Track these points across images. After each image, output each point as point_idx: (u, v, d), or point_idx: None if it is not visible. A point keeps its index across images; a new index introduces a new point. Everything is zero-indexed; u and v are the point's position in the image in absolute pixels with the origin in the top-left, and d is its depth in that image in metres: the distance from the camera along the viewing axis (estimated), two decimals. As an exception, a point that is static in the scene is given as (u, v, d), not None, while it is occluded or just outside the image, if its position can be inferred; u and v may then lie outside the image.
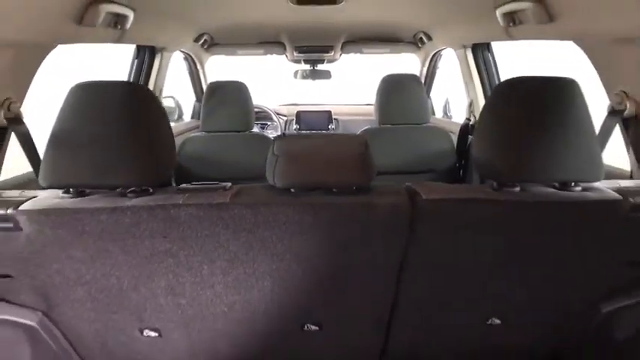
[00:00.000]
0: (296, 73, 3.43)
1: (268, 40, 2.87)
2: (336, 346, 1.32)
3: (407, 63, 3.55)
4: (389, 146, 2.15)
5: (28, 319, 1.17)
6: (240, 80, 2.22)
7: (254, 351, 1.31)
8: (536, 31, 1.45)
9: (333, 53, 3.06)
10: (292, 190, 1.06)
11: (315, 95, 4.82)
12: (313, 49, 2.99)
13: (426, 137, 2.21)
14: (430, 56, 3.00)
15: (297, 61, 3.31)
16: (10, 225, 0.98)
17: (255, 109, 2.43)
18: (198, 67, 3.04)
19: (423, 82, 3.15)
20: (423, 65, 3.15)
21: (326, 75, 3.40)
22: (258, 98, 2.98)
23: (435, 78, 3.23)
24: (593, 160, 1.04)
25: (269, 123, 3.52)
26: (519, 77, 1.10)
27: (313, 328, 1.27)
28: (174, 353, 1.31)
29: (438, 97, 3.38)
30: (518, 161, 1.04)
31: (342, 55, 3.18)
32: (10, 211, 0.97)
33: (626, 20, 1.11)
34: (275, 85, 5.28)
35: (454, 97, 3.07)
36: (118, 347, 1.29)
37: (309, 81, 3.46)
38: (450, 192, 1.07)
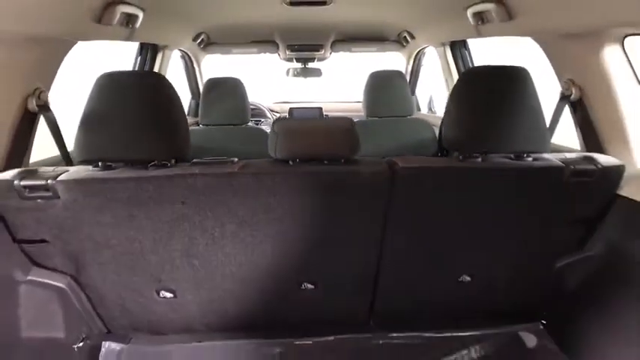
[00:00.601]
0: (288, 71, 3.61)
1: (262, 40, 3.04)
2: (329, 303, 1.51)
3: (393, 61, 3.75)
4: (376, 136, 2.33)
5: (59, 282, 1.34)
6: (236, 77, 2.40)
7: (258, 309, 1.49)
8: (500, 29, 1.65)
9: (323, 52, 3.24)
10: (290, 162, 1.25)
11: (306, 93, 5.01)
12: (304, 48, 3.16)
13: (410, 128, 2.40)
14: (414, 54, 3.21)
15: (290, 60, 3.49)
16: (50, 194, 1.15)
17: (250, 107, 2.60)
18: (195, 65, 3.21)
19: (408, 78, 3.36)
20: (407, 63, 3.35)
21: (317, 73, 3.58)
22: (253, 96, 3.15)
23: (419, 75, 3.43)
24: (541, 135, 1.25)
25: (263, 120, 3.70)
26: (481, 66, 1.31)
27: (309, 286, 1.45)
28: (186, 313, 1.48)
29: (424, 94, 3.58)
30: (479, 136, 1.25)
31: (332, 53, 3.37)
32: (50, 181, 1.14)
33: (572, 19, 1.31)
34: (269, 84, 5.45)
35: (438, 94, 3.27)
36: (136, 308, 1.46)
37: (301, 79, 3.65)
38: (423, 162, 1.27)
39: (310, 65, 3.54)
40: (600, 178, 1.26)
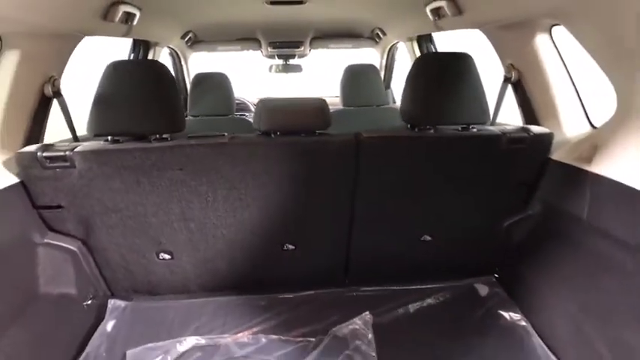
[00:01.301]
0: (270, 67, 3.82)
1: (245, 37, 3.25)
2: (309, 262, 1.73)
3: (370, 58, 3.99)
4: (351, 123, 2.55)
5: (71, 245, 1.53)
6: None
7: (245, 268, 1.70)
8: (453, 23, 1.90)
9: (302, 48, 3.46)
10: (272, 134, 1.48)
11: (288, 88, 5.23)
12: (285, 45, 3.38)
13: (382, 116, 2.64)
14: (387, 49, 3.46)
15: (272, 57, 3.70)
16: (67, 164, 1.35)
17: (236, 102, 2.81)
18: (182, 62, 3.40)
19: (383, 73, 3.62)
20: (382, 57, 3.60)
21: (297, 69, 3.80)
22: (238, 92, 3.36)
23: (393, 69, 3.68)
24: (483, 109, 1.50)
25: (247, 114, 3.91)
26: (431, 53, 1.56)
27: (290, 247, 1.68)
28: (183, 273, 1.69)
29: (400, 87, 3.82)
30: (431, 111, 1.49)
31: (311, 50, 3.60)
32: (67, 153, 1.34)
33: (508, 12, 1.56)
34: (252, 81, 5.64)
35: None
36: (138, 269, 1.66)
37: (283, 75, 3.87)
38: (383, 133, 1.50)
39: (291, 62, 3.76)
40: (533, 144, 1.51)
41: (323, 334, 1.45)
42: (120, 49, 2.71)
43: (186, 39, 3.00)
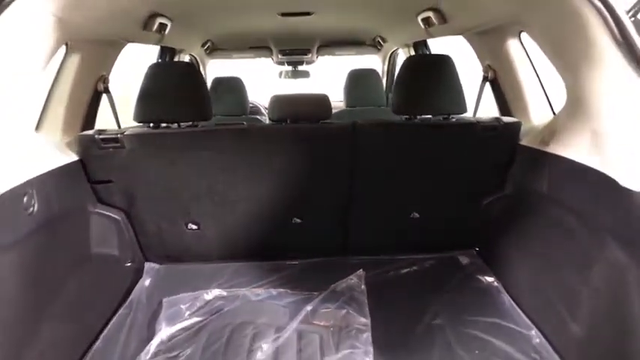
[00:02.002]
0: (280, 73, 4.16)
1: (258, 45, 3.59)
2: (314, 234, 2.01)
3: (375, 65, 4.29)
4: None
5: (116, 215, 1.84)
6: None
7: (259, 238, 1.99)
8: (440, 30, 2.20)
9: (310, 55, 3.79)
10: (284, 123, 1.78)
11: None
12: (294, 52, 3.71)
13: (381, 116, 2.94)
14: (388, 55, 3.77)
15: (281, 63, 4.04)
16: (119, 145, 1.67)
17: (250, 105, 3.14)
18: (201, 68, 3.75)
19: (385, 78, 3.92)
20: (383, 63, 3.91)
21: (305, 74, 4.13)
22: (251, 96, 3.68)
23: (395, 74, 3.98)
24: (460, 101, 1.78)
25: (259, 117, 4.24)
26: (417, 55, 1.85)
27: (297, 220, 1.97)
28: (207, 241, 1.98)
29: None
30: (416, 102, 1.79)
31: (318, 57, 3.92)
32: (119, 135, 1.66)
33: (483, 20, 1.86)
34: (264, 87, 6.00)
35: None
36: (170, 238, 1.96)
37: (292, 80, 4.19)
38: (377, 121, 1.80)
39: (300, 68, 4.09)
40: (503, 132, 1.79)
41: (324, 289, 1.73)
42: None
43: (205, 47, 3.34)
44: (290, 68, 4.08)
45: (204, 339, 1.41)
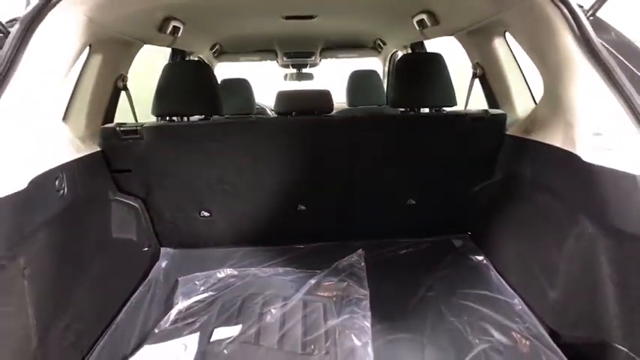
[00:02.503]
0: (285, 76, 4.33)
1: (264, 49, 3.76)
2: (318, 220, 2.16)
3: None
4: None
5: (134, 203, 2.00)
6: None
7: (267, 224, 2.15)
8: (433, 31, 2.36)
9: (314, 58, 3.96)
10: (289, 116, 1.94)
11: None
12: (298, 55, 3.88)
13: (382, 112, 3.10)
14: (388, 57, 3.93)
15: (286, 66, 4.21)
16: (138, 136, 1.83)
17: (256, 107, 3.31)
18: None
19: (386, 79, 4.09)
20: (384, 65, 4.08)
21: (309, 77, 4.30)
22: (258, 99, 3.84)
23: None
24: (450, 95, 1.94)
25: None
26: (411, 53, 2.02)
27: (302, 207, 2.12)
28: (219, 228, 2.14)
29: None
30: (412, 97, 1.95)
31: (321, 59, 4.09)
32: (139, 128, 1.82)
33: (470, 21, 2.02)
34: (269, 91, 6.19)
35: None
36: (183, 225, 2.12)
37: (296, 83, 4.36)
38: (373, 113, 1.96)
39: (304, 71, 4.26)
40: (490, 122, 1.94)
41: (327, 268, 1.88)
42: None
43: (213, 50, 3.52)
44: (294, 71, 4.25)
45: (217, 308, 1.56)
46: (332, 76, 4.68)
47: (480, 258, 1.99)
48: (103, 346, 1.48)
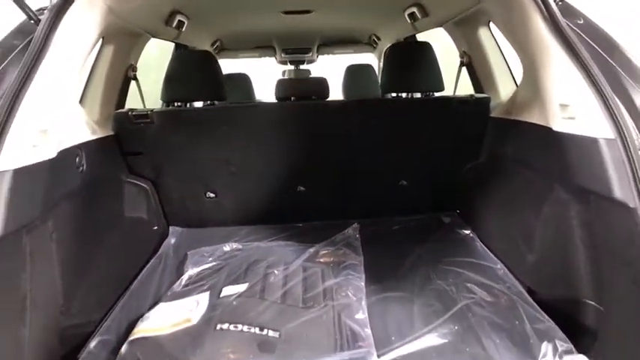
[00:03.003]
0: (284, 72, 4.48)
1: (263, 45, 3.92)
2: (316, 200, 2.31)
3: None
4: None
5: (144, 184, 2.14)
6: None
7: (268, 204, 2.29)
8: (424, 24, 2.52)
9: (311, 54, 4.11)
10: (288, 101, 2.09)
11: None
12: (296, 51, 4.04)
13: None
14: (383, 53, 4.08)
15: (284, 63, 4.36)
16: (149, 120, 1.98)
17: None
18: None
19: (380, 74, 4.24)
20: (379, 60, 4.23)
21: (307, 73, 4.43)
22: (258, 95, 3.99)
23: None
24: (438, 81, 2.10)
25: None
26: (401, 42, 2.17)
27: (302, 188, 2.27)
28: (224, 208, 2.28)
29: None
30: (402, 83, 2.10)
31: (319, 56, 4.24)
32: (149, 112, 1.97)
33: (455, 11, 2.18)
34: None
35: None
36: (191, 206, 2.27)
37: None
38: (367, 98, 2.11)
39: (301, 67, 4.41)
40: (475, 106, 2.10)
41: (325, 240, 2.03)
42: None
43: (214, 46, 3.67)
44: (292, 67, 4.40)
45: (225, 273, 1.71)
46: (329, 75, 4.86)
47: (467, 232, 2.13)
48: (121, 306, 1.62)
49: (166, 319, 1.41)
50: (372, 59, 4.30)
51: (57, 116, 1.39)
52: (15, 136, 1.14)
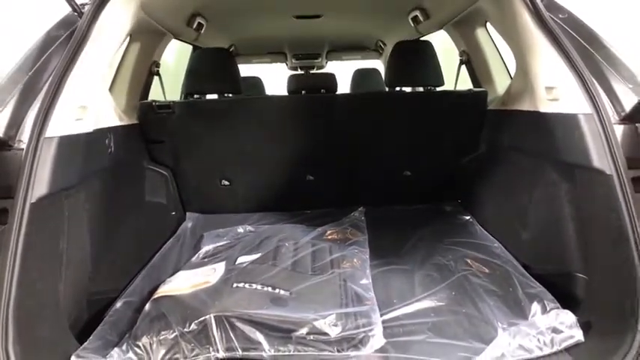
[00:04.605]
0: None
1: (274, 51, 4.12)
2: (325, 189, 2.45)
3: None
4: None
5: (164, 171, 2.30)
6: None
7: (279, 193, 2.44)
8: (426, 27, 2.68)
9: (320, 60, 4.31)
10: (299, 94, 2.26)
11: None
12: (306, 57, 4.23)
13: None
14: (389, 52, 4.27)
15: (294, 69, 4.55)
16: (170, 110, 2.15)
17: None
18: None
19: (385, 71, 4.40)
20: (385, 66, 4.40)
21: None
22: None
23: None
24: (438, 76, 2.24)
25: None
26: (404, 40, 2.33)
27: (311, 178, 2.41)
28: (237, 195, 2.44)
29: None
30: (405, 77, 2.25)
31: (327, 62, 4.43)
32: (171, 103, 2.14)
33: (454, 14, 2.34)
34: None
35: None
36: (206, 193, 2.42)
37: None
38: (374, 92, 2.26)
39: (311, 73, 4.60)
40: (473, 99, 2.24)
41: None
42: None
43: (229, 51, 3.87)
44: (302, 73, 4.59)
45: (239, 246, 1.85)
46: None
47: (467, 217, 2.26)
48: (143, 276, 1.77)
49: (186, 281, 1.54)
50: (378, 65, 4.49)
51: (93, 97, 1.56)
52: (61, 109, 1.31)
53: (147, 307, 1.44)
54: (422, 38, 2.98)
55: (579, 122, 1.37)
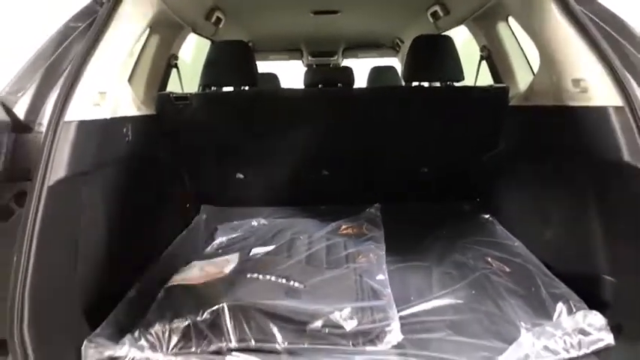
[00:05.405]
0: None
1: (291, 48, 4.11)
2: (339, 185, 2.41)
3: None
4: None
5: (179, 162, 2.29)
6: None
7: (295, 186, 2.41)
8: (445, 22, 2.64)
9: (336, 57, 4.27)
10: (317, 88, 2.23)
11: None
12: (322, 54, 4.20)
13: None
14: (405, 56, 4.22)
15: (310, 66, 4.54)
16: (188, 102, 2.14)
17: None
18: None
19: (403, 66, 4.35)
20: (401, 64, 4.35)
21: None
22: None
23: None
24: (459, 70, 2.19)
25: None
26: (423, 34, 2.29)
27: (326, 172, 2.38)
28: (251, 189, 2.42)
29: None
30: (424, 72, 2.21)
31: (344, 59, 4.40)
32: (189, 94, 2.14)
33: (475, 8, 2.29)
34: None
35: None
36: (221, 186, 2.41)
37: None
38: (392, 86, 2.23)
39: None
40: (494, 95, 2.18)
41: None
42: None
43: None
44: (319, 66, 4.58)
45: (253, 238, 1.83)
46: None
47: (487, 216, 2.20)
48: (158, 265, 1.77)
49: (200, 272, 1.53)
50: (394, 63, 4.45)
51: (112, 84, 1.56)
52: (80, 94, 1.30)
53: (160, 295, 1.43)
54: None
55: (609, 116, 1.31)
